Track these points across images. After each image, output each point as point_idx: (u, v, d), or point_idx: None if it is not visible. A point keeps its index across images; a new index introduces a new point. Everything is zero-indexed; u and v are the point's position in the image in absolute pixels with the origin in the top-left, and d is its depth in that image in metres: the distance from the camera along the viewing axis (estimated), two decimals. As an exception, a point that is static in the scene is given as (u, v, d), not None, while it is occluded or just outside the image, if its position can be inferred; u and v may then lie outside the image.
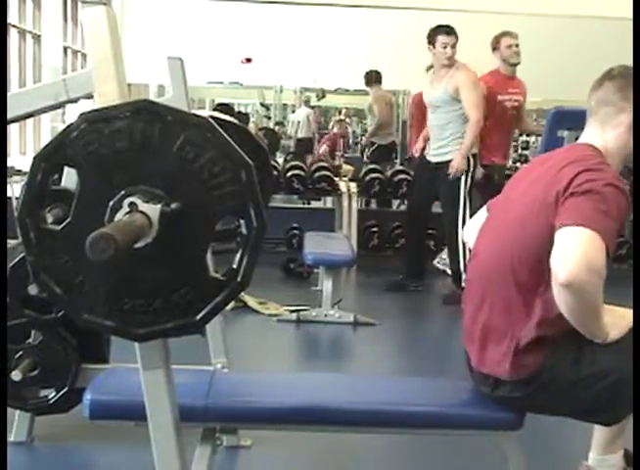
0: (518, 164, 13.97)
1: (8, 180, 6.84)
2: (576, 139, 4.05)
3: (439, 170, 5.55)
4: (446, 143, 5.54)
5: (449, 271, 5.79)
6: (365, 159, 9.22)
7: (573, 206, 1.93)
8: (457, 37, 5.44)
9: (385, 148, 9.03)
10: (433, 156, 5.66)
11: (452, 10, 12.62)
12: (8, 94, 2.04)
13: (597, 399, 1.99)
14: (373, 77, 8.99)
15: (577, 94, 3.90)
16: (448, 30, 5.48)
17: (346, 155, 12.30)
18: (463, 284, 5.53)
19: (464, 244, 5.40)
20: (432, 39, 5.47)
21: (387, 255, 7.25)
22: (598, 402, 2.00)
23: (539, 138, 11.64)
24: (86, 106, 1.59)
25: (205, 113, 6.99)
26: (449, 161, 5.45)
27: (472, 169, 5.53)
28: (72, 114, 1.66)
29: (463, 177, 5.50)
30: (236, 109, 16.68)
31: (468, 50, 5.57)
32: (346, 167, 8.11)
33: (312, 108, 13.07)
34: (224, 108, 7.62)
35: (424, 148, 5.91)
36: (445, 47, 5.39)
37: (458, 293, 5.44)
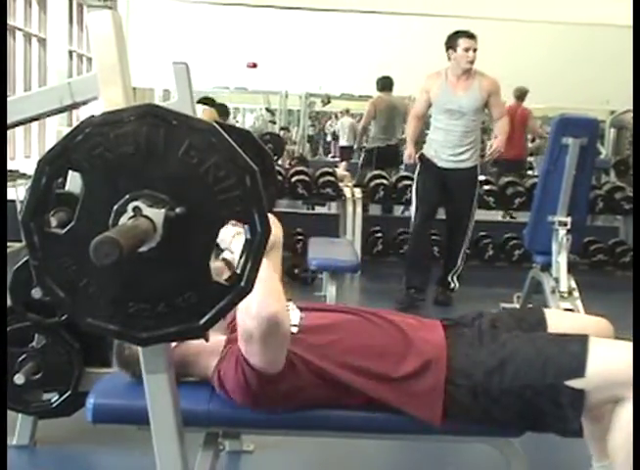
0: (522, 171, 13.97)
1: (13, 183, 6.86)
2: (581, 146, 4.11)
3: (453, 177, 5.47)
4: (466, 150, 5.45)
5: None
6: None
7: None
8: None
9: (369, 152, 8.88)
10: (446, 161, 5.47)
11: (459, 17, 12.62)
12: (14, 97, 2.05)
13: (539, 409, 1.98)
14: (377, 84, 8.97)
15: (582, 101, 3.91)
16: (470, 34, 5.41)
17: (351, 160, 12.34)
18: (454, 285, 5.74)
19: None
20: (452, 44, 5.39)
21: (391, 260, 7.25)
22: (543, 413, 1.98)
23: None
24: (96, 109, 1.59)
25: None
26: (467, 167, 5.46)
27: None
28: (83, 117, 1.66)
29: (477, 183, 5.63)
30: (241, 114, 16.70)
31: (481, 58, 5.55)
32: (341, 173, 8.11)
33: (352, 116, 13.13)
34: (208, 100, 7.63)
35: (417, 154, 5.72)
36: (468, 50, 5.32)
37: (449, 294, 5.72)
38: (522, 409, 1.99)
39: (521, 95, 9.63)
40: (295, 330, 2.06)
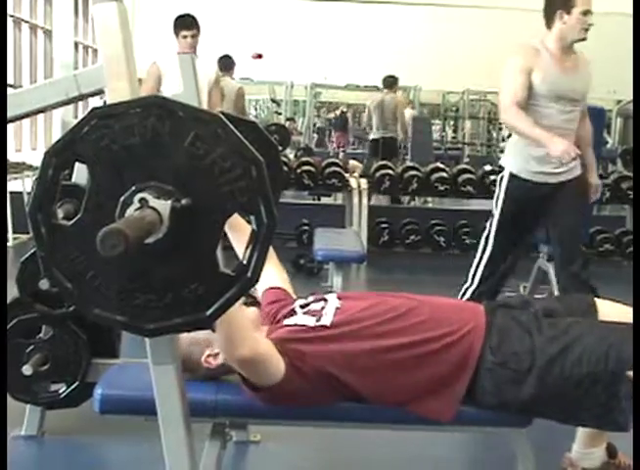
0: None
1: (19, 175, 6.88)
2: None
3: (564, 192, 3.79)
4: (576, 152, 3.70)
5: None
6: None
7: None
8: None
9: (373, 142, 9.84)
10: (558, 174, 3.76)
11: (465, 6, 12.58)
12: (20, 89, 2.05)
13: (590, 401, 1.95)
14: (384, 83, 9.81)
15: (593, 91, 3.89)
16: None
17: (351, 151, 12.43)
18: None
19: None
20: (565, 2, 3.75)
21: (397, 251, 7.26)
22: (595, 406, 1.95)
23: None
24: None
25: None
26: (578, 175, 3.84)
27: None
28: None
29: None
30: (247, 105, 16.71)
31: (484, 47, 5.42)
32: (353, 163, 8.13)
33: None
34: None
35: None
36: (586, 14, 3.77)
37: None
38: (574, 399, 1.96)
39: None
40: (327, 323, 2.06)
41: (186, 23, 5.70)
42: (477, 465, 2.90)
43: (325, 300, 2.19)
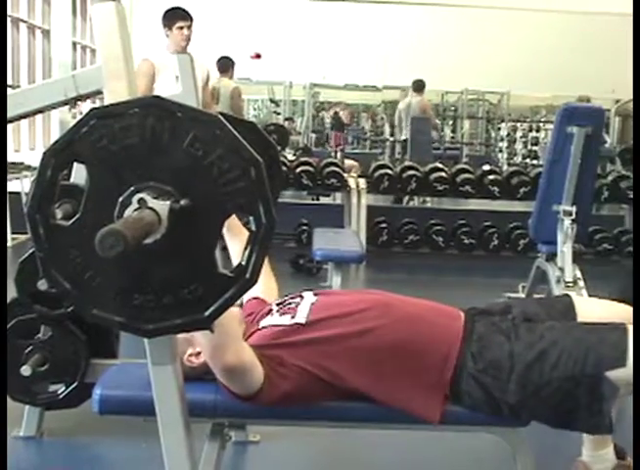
0: (527, 161, 13.93)
1: (18, 176, 6.87)
2: (586, 135, 4.09)
3: None
4: None
5: None
6: None
7: None
8: None
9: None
10: None
11: (466, 6, 12.60)
12: (18, 90, 2.05)
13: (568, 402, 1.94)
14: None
15: (588, 90, 3.89)
16: None
17: (355, 151, 12.43)
18: None
19: None
20: None
21: (396, 251, 7.26)
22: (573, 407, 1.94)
23: (549, 133, 11.64)
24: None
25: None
26: None
27: None
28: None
29: None
30: (245, 105, 16.70)
31: (483, 47, 5.45)
32: (349, 162, 8.12)
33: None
34: None
35: None
36: None
37: None
38: (556, 403, 1.95)
39: None
40: (302, 321, 2.06)
41: (182, 14, 5.70)
42: (476, 465, 2.90)
43: (301, 296, 2.19)
